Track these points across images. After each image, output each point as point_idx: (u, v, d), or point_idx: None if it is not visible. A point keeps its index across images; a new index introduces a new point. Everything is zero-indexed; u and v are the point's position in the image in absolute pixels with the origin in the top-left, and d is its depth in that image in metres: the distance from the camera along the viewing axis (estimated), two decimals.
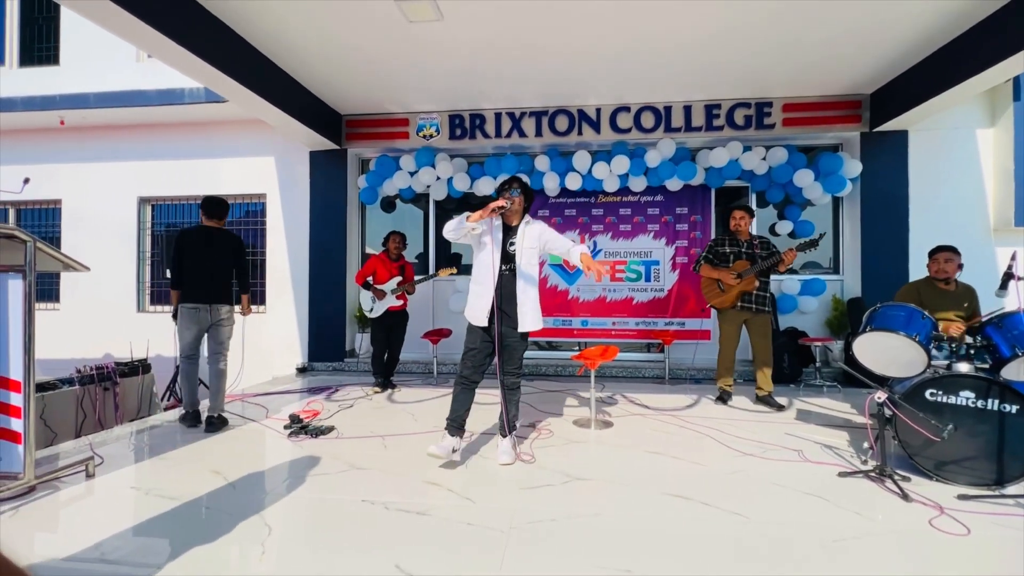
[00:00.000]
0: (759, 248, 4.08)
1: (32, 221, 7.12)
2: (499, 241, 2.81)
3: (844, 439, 3.28)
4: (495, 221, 2.83)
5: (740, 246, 4.12)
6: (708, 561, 1.85)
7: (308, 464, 2.86)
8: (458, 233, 2.74)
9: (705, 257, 4.22)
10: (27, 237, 2.40)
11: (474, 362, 2.82)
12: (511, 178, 2.89)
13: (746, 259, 4.06)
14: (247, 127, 6.37)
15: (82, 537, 2.03)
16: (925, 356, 2.50)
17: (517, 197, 2.82)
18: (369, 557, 1.88)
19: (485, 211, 2.69)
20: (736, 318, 4.13)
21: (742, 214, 4.13)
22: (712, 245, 4.26)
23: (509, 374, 2.87)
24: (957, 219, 5.44)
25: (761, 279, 4.04)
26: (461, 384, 2.85)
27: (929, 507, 2.26)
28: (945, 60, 4.34)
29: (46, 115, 6.35)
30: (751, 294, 4.04)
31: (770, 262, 3.92)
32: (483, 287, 2.81)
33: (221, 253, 3.61)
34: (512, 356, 2.87)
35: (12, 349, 2.41)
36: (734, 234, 4.18)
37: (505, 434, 2.90)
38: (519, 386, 2.95)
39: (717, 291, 4.15)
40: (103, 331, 6.60)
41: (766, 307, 4.07)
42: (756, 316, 4.07)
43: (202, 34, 3.86)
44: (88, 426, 4.43)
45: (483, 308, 2.79)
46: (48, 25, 6.88)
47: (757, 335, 4.10)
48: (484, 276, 2.80)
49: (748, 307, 4.06)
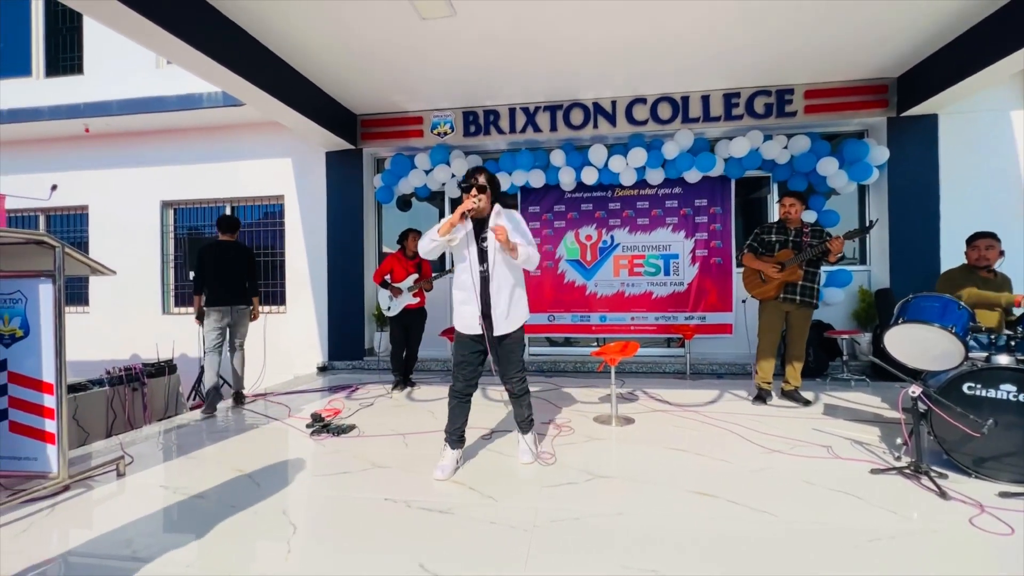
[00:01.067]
0: (808, 236, 3.79)
1: (61, 227, 7.33)
2: (473, 240, 2.62)
3: (875, 435, 3.18)
4: (468, 224, 2.62)
5: (788, 234, 3.87)
6: (737, 562, 1.81)
7: (330, 462, 2.88)
8: (434, 250, 2.59)
9: (749, 245, 3.99)
10: (56, 243, 2.45)
11: (466, 374, 2.66)
12: (471, 171, 2.63)
13: (792, 248, 3.82)
14: (264, 129, 6.45)
15: (114, 534, 2.08)
16: (962, 348, 2.40)
17: (484, 193, 2.57)
18: (393, 556, 1.88)
19: (454, 218, 2.50)
20: (778, 309, 3.90)
21: (792, 200, 3.89)
22: (758, 233, 4.01)
23: (513, 382, 2.70)
24: (991, 205, 5.22)
25: (808, 269, 3.79)
26: (456, 398, 2.68)
27: (969, 505, 2.18)
28: (976, 40, 4.16)
29: (71, 123, 6.52)
30: (796, 285, 3.79)
31: (814, 252, 3.68)
32: (465, 293, 2.62)
33: (237, 262, 4.20)
34: (510, 361, 2.67)
35: (44, 352, 2.48)
36: (783, 222, 3.95)
37: (525, 432, 2.82)
38: (527, 390, 2.76)
39: (759, 281, 3.93)
40: (130, 333, 6.77)
41: (812, 299, 3.82)
42: (799, 309, 3.85)
43: (218, 38, 3.90)
44: (118, 426, 4.56)
45: (471, 315, 2.60)
46: (71, 35, 7.05)
47: (795, 329, 3.91)
48: (464, 281, 2.62)
49: (792, 299, 3.81)
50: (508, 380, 2.70)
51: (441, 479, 2.58)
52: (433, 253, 2.63)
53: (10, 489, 2.50)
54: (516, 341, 2.68)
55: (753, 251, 3.97)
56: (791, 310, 3.88)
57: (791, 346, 3.96)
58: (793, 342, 3.95)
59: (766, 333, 3.96)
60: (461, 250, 2.64)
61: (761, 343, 4.00)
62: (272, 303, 6.74)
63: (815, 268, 3.83)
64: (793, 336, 3.94)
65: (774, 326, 3.93)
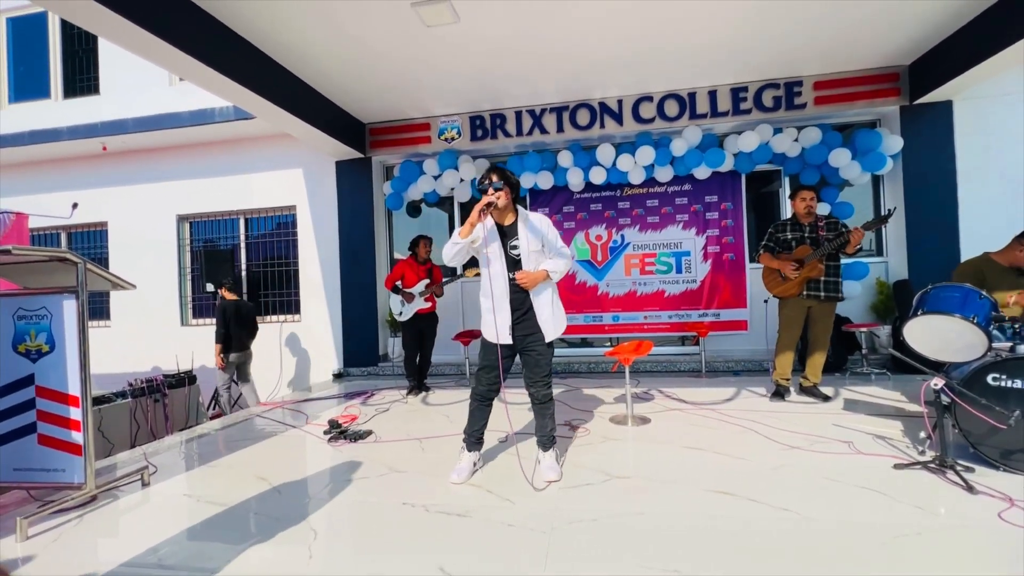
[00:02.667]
0: (824, 230, 3.72)
1: (81, 244, 7.52)
2: (499, 246, 2.55)
3: (897, 429, 3.12)
4: (488, 224, 2.55)
5: (803, 230, 3.81)
6: (758, 561, 1.79)
7: (348, 468, 2.91)
8: (458, 255, 2.51)
9: (765, 245, 3.96)
10: (78, 259, 2.52)
11: (489, 379, 2.62)
12: (488, 170, 2.54)
13: (809, 244, 3.75)
14: (275, 141, 6.56)
15: (140, 543, 2.12)
16: (985, 339, 2.35)
17: (501, 190, 2.49)
18: (413, 559, 1.89)
19: (473, 218, 2.43)
20: (801, 306, 3.82)
21: (812, 195, 3.81)
22: (772, 231, 3.97)
23: (538, 387, 2.61)
24: (1011, 192, 5.10)
25: (829, 263, 3.71)
26: (477, 400, 2.66)
27: (997, 499, 2.12)
28: (989, 24, 4.07)
29: (89, 142, 6.69)
30: (818, 281, 3.71)
31: (833, 245, 3.60)
32: (493, 301, 2.55)
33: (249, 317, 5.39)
34: (538, 368, 2.59)
35: (70, 366, 2.54)
36: (796, 217, 3.88)
37: (546, 448, 2.66)
38: (551, 398, 2.66)
39: (778, 280, 3.85)
40: (150, 345, 6.91)
41: (837, 293, 3.74)
42: (824, 304, 3.76)
43: (228, 53, 3.98)
44: (141, 436, 4.65)
45: (501, 324, 2.54)
46: (87, 57, 7.24)
47: (819, 323, 3.81)
48: (492, 289, 2.55)
49: (816, 295, 3.74)
50: (534, 384, 2.62)
51: (457, 482, 2.57)
52: (457, 258, 2.53)
53: (40, 500, 2.57)
54: (549, 346, 2.62)
55: (769, 251, 3.92)
56: (814, 305, 3.79)
57: (815, 342, 3.87)
58: (817, 338, 3.85)
59: (787, 330, 3.90)
60: (488, 256, 2.57)
61: (781, 339, 3.94)
62: (287, 312, 6.83)
63: (835, 261, 3.75)
64: (817, 331, 3.84)
65: (796, 322, 3.86)
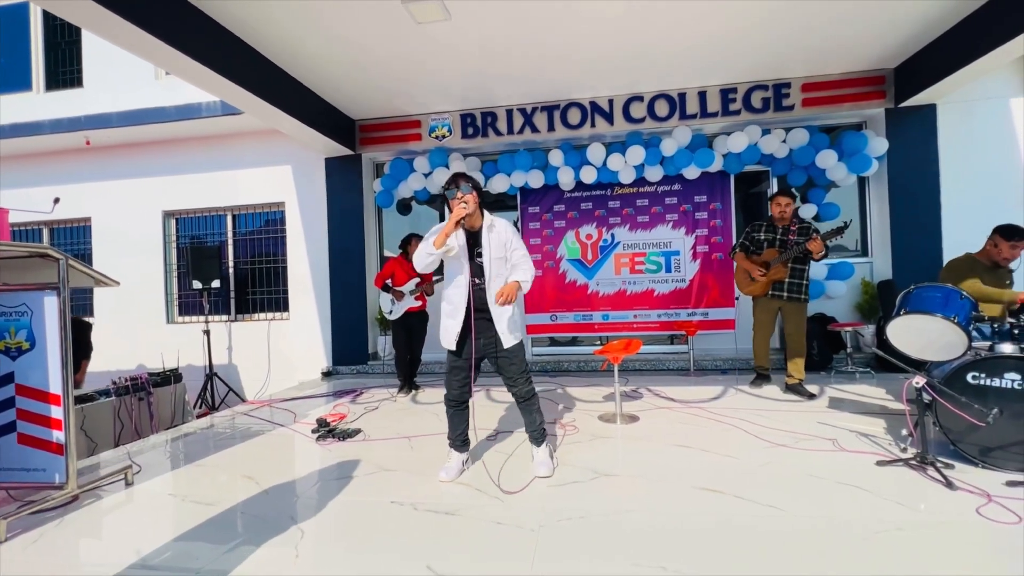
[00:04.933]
0: (795, 234, 3.95)
1: (64, 239, 7.38)
2: (466, 254, 2.55)
3: (880, 426, 3.17)
4: (459, 232, 2.55)
5: (776, 232, 4.04)
6: (745, 556, 1.81)
7: (337, 467, 2.89)
8: (431, 264, 2.52)
9: (741, 244, 4.19)
10: (59, 255, 2.47)
11: (459, 381, 2.60)
12: (453, 176, 2.51)
13: (779, 246, 4.00)
14: (264, 137, 6.48)
15: (123, 543, 2.10)
16: (965, 338, 2.40)
17: (470, 195, 2.46)
18: (400, 558, 1.89)
19: (448, 227, 2.42)
20: (769, 306, 4.09)
21: (788, 200, 4.00)
22: (749, 231, 4.19)
23: (518, 385, 2.61)
24: (992, 194, 5.20)
25: (795, 266, 3.95)
26: (452, 406, 2.65)
27: (976, 495, 2.17)
28: (972, 28, 4.14)
29: (72, 136, 6.55)
30: (782, 282, 3.98)
31: (796, 251, 3.85)
32: (453, 306, 2.57)
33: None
34: (512, 367, 2.59)
35: (51, 364, 2.50)
36: (772, 220, 4.08)
37: (538, 443, 2.69)
38: (534, 393, 2.66)
39: (748, 280, 4.11)
40: (135, 343, 6.80)
41: (800, 295, 3.97)
42: (789, 304, 4.00)
43: (215, 47, 3.92)
44: (126, 435, 4.57)
45: (453, 329, 2.55)
46: (71, 49, 7.10)
47: (790, 323, 4.04)
48: (453, 294, 2.57)
49: (779, 295, 4.01)
50: (514, 384, 2.62)
51: (446, 480, 2.58)
52: (431, 267, 2.55)
53: (20, 501, 2.52)
54: (517, 351, 2.61)
55: (744, 249, 4.17)
56: (782, 305, 4.04)
57: (789, 341, 4.06)
58: (791, 336, 4.05)
59: (759, 330, 4.20)
60: (454, 263, 2.58)
61: (755, 336, 4.26)
62: (275, 310, 6.77)
63: (802, 265, 3.97)
64: (790, 330, 4.05)
65: (766, 322, 4.14)
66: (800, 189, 5.69)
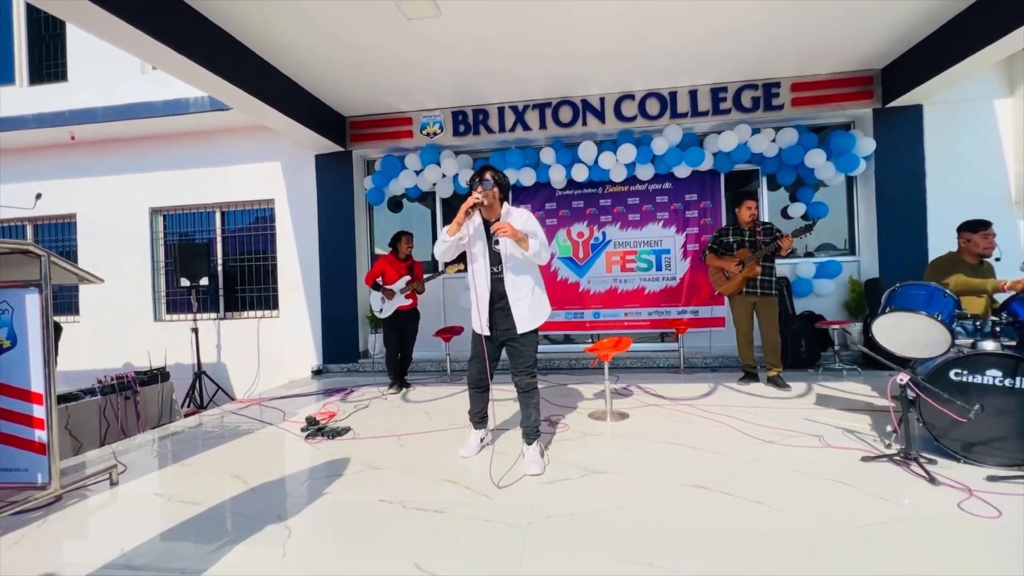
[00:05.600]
0: (761, 234, 4.23)
1: (49, 236, 7.26)
2: (485, 242, 2.68)
3: (866, 423, 3.21)
4: (475, 221, 2.67)
5: (743, 234, 4.31)
6: (730, 551, 1.82)
7: (326, 466, 2.88)
8: (447, 252, 2.66)
9: (710, 247, 4.46)
10: (41, 252, 2.43)
11: (479, 367, 2.79)
12: (481, 168, 2.69)
13: (748, 247, 4.25)
14: (253, 134, 6.42)
15: (107, 543, 2.07)
16: (948, 335, 2.43)
17: (490, 189, 2.59)
18: (388, 556, 1.88)
19: (460, 216, 2.55)
20: (745, 303, 4.31)
21: (754, 204, 4.30)
22: (717, 235, 4.48)
23: (522, 375, 2.72)
24: (977, 193, 5.28)
25: (765, 264, 4.21)
26: (473, 388, 2.88)
27: (957, 490, 2.21)
28: (957, 30, 4.20)
29: (57, 131, 6.44)
30: (755, 279, 4.22)
31: (767, 250, 4.10)
32: (476, 294, 2.72)
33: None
34: (521, 359, 2.71)
35: (32, 362, 2.46)
36: (738, 223, 4.36)
37: (530, 441, 2.73)
38: (535, 387, 2.77)
39: (723, 279, 4.36)
40: (122, 341, 6.72)
41: (771, 290, 4.23)
42: (762, 299, 4.24)
43: (202, 42, 3.87)
44: (112, 435, 4.52)
45: (481, 315, 2.70)
46: (55, 42, 6.97)
47: (763, 318, 4.27)
48: (475, 282, 2.72)
49: (753, 292, 4.24)
50: (518, 374, 2.74)
51: (465, 456, 2.84)
52: (447, 255, 2.69)
53: (1, 501, 2.48)
54: (531, 337, 2.73)
55: (714, 252, 4.42)
56: (757, 301, 4.27)
57: (763, 334, 4.29)
58: (765, 331, 4.28)
59: (739, 325, 4.42)
60: (474, 251, 2.72)
61: (737, 334, 4.48)
62: (265, 307, 6.71)
63: (771, 263, 4.25)
64: (763, 324, 4.30)
65: (744, 319, 4.36)
66: (789, 188, 5.74)
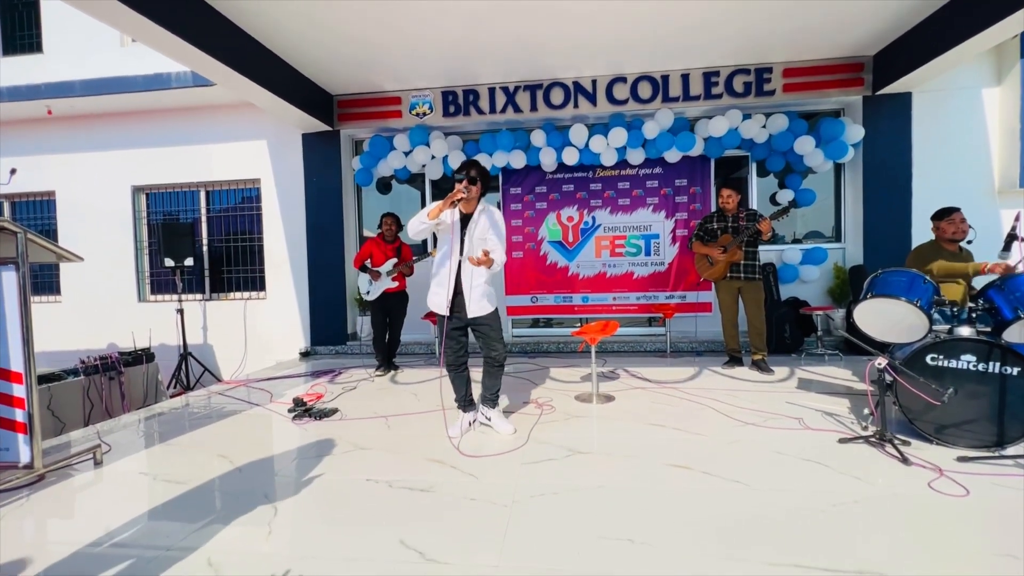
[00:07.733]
0: (744, 220, 4.30)
1: (27, 214, 7.08)
2: (458, 231, 2.82)
3: (845, 406, 3.29)
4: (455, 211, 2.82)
5: (727, 220, 4.38)
6: (708, 528, 1.87)
7: (312, 446, 2.89)
8: (422, 232, 2.75)
9: (696, 234, 4.54)
10: (17, 228, 2.38)
11: (452, 348, 2.91)
12: (467, 163, 2.80)
13: (732, 233, 4.33)
14: (238, 111, 6.27)
15: (91, 522, 2.07)
16: (926, 321, 2.49)
17: (475, 186, 2.76)
18: (374, 534, 1.90)
19: (444, 203, 2.66)
20: (730, 288, 4.40)
21: (729, 192, 4.35)
22: (702, 223, 4.55)
23: (492, 349, 2.89)
24: (961, 182, 5.34)
25: (748, 249, 4.29)
26: (451, 370, 2.96)
27: (929, 470, 2.28)
28: (949, 17, 4.20)
29: (32, 105, 6.23)
30: (739, 264, 4.30)
31: (747, 233, 4.18)
32: (440, 276, 2.86)
33: None
34: (487, 339, 2.88)
35: (11, 341, 2.42)
36: (721, 211, 4.42)
37: (492, 405, 3.00)
38: (502, 362, 2.94)
39: (707, 265, 4.45)
40: (106, 322, 6.62)
41: (755, 275, 4.31)
42: (747, 283, 4.33)
43: (184, 15, 3.75)
44: (96, 416, 4.48)
45: (441, 295, 2.84)
46: (29, 12, 6.70)
47: (748, 302, 4.35)
48: (440, 267, 2.86)
49: (737, 276, 4.32)
50: (490, 351, 2.90)
51: (454, 437, 2.86)
52: (421, 235, 2.77)
53: None
54: (490, 321, 2.88)
55: (700, 239, 4.50)
56: (741, 286, 4.36)
57: (749, 317, 4.37)
58: (750, 315, 4.36)
59: (725, 311, 4.51)
60: (446, 236, 2.84)
61: (722, 319, 4.56)
62: (251, 289, 6.64)
63: (754, 248, 4.33)
64: (748, 308, 4.38)
65: (729, 303, 4.45)
66: (778, 175, 5.76)
